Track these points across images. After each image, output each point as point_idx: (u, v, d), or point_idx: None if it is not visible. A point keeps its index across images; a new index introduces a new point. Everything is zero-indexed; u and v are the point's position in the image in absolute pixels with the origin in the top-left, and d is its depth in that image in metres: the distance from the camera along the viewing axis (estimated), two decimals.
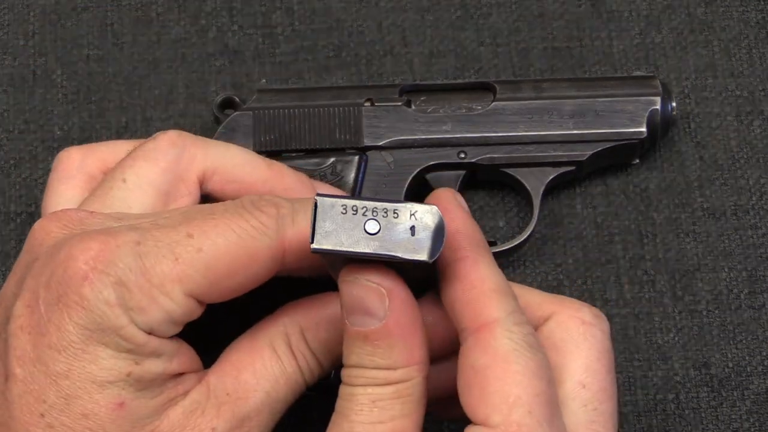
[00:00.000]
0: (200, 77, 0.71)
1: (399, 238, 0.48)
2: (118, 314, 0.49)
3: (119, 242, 0.50)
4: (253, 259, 0.51)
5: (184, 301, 0.51)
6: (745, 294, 0.67)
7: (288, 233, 0.52)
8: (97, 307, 0.49)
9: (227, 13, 0.72)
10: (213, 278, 0.51)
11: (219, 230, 0.51)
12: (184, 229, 0.51)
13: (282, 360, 0.53)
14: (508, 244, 0.66)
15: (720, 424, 0.65)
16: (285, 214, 0.52)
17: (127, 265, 0.50)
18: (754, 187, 0.69)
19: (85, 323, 0.49)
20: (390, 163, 0.66)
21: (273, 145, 0.66)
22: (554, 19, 0.72)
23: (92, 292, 0.49)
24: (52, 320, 0.50)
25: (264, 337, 0.54)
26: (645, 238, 0.68)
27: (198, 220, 0.51)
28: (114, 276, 0.49)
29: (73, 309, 0.49)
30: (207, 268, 0.51)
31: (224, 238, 0.51)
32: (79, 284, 0.49)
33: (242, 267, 0.51)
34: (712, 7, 0.72)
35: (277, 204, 0.52)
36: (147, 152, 0.58)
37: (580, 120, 0.67)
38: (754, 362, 0.66)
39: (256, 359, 0.53)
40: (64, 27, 0.72)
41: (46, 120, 0.70)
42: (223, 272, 0.51)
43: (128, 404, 0.50)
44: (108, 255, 0.50)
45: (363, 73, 0.71)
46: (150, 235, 0.51)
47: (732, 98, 0.70)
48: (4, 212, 0.69)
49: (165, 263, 0.50)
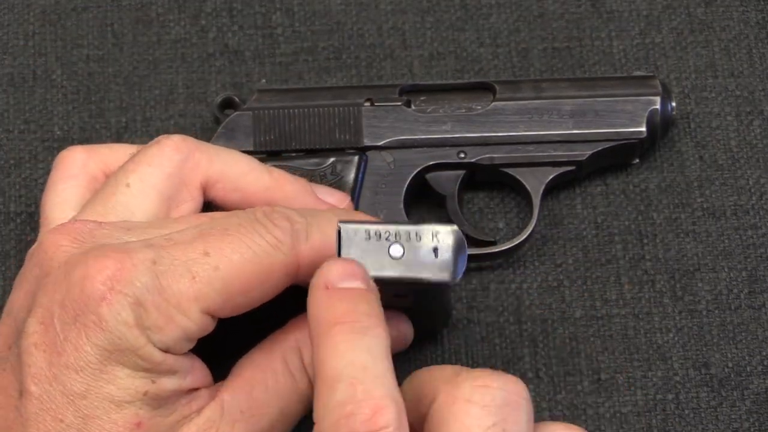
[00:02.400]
0: (200, 77, 0.71)
1: (423, 260, 0.49)
2: (136, 335, 0.49)
3: (135, 261, 0.50)
4: (268, 275, 0.51)
5: (200, 319, 0.51)
6: (745, 294, 0.67)
7: (302, 248, 0.52)
8: (116, 328, 0.49)
9: (227, 14, 0.72)
10: (229, 295, 0.51)
11: (234, 247, 0.51)
12: (200, 246, 0.51)
13: (295, 376, 0.53)
14: (508, 244, 0.66)
15: (720, 424, 0.65)
16: (299, 229, 0.52)
17: (144, 284, 0.49)
18: (754, 187, 0.69)
19: (103, 344, 0.49)
20: (390, 163, 0.66)
21: (273, 145, 0.66)
22: (554, 19, 0.72)
23: (110, 313, 0.49)
24: (69, 339, 0.49)
25: (277, 351, 0.54)
26: (645, 238, 0.68)
27: (214, 236, 0.51)
28: (132, 296, 0.49)
29: (91, 329, 0.49)
30: (224, 286, 0.51)
31: (240, 255, 0.51)
32: (96, 305, 0.49)
33: (257, 283, 0.51)
34: (712, 7, 0.72)
35: (290, 218, 0.52)
36: (151, 157, 0.58)
37: (579, 120, 0.67)
38: (754, 362, 0.66)
39: (268, 375, 0.53)
40: (64, 27, 0.72)
41: (46, 120, 0.70)
42: (239, 289, 0.51)
43: (145, 423, 0.50)
44: (125, 274, 0.49)
45: (363, 75, 0.71)
46: (166, 252, 0.50)
47: (732, 98, 0.70)
48: (4, 212, 0.69)
49: (182, 282, 0.50)
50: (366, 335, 0.47)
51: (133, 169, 0.57)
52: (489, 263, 0.67)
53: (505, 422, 0.47)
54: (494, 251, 0.66)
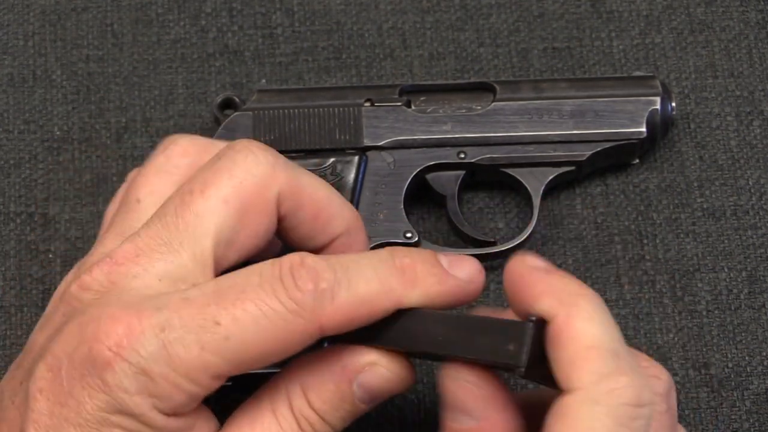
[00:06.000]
0: (200, 77, 0.71)
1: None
2: (137, 403, 0.49)
3: (144, 326, 0.49)
4: (285, 343, 0.50)
5: (209, 384, 0.50)
6: (745, 294, 0.67)
7: (327, 311, 0.49)
8: (118, 395, 0.49)
9: (227, 14, 0.72)
10: (240, 363, 0.50)
11: (248, 314, 0.49)
12: (212, 312, 0.49)
13: (282, 425, 0.52)
14: (508, 244, 0.66)
15: (720, 424, 0.65)
16: (324, 289, 0.49)
17: (151, 354, 0.49)
18: (754, 187, 0.69)
19: (104, 406, 0.49)
20: (390, 163, 0.66)
21: (273, 146, 0.65)
22: (554, 20, 0.72)
23: (113, 380, 0.49)
24: (73, 395, 0.49)
25: (266, 400, 0.52)
26: (645, 239, 0.68)
27: (228, 300, 0.49)
28: (136, 366, 0.49)
29: (95, 390, 0.49)
30: (234, 355, 0.49)
31: (254, 325, 0.49)
32: (102, 369, 0.49)
33: (272, 350, 0.50)
34: (712, 7, 0.72)
35: (317, 278, 0.50)
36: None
37: (579, 120, 0.67)
38: (754, 362, 0.66)
39: (256, 426, 0.52)
40: (64, 27, 0.72)
41: (46, 120, 0.70)
42: (252, 357, 0.50)
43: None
44: (132, 342, 0.49)
45: (363, 75, 0.71)
46: (177, 317, 0.49)
47: (732, 98, 0.70)
48: (4, 212, 0.69)
49: (191, 352, 0.49)
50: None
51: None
52: (489, 263, 0.67)
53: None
54: (494, 251, 0.66)
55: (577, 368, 0.47)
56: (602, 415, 0.46)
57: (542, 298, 0.49)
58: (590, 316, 0.48)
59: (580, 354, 0.47)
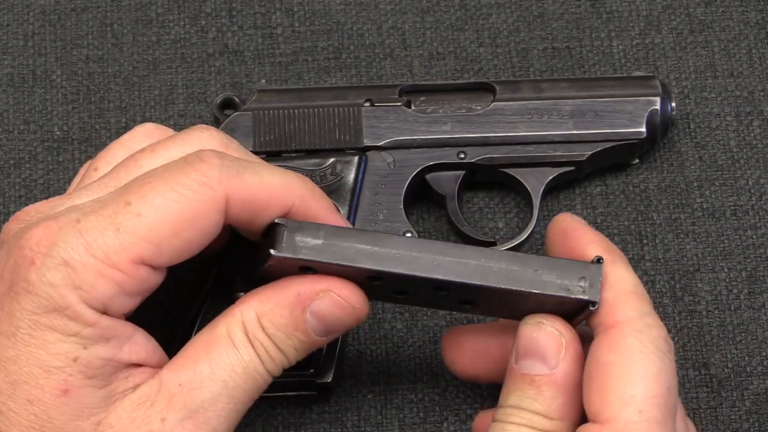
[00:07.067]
0: (200, 77, 0.71)
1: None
2: (63, 294, 0.50)
3: (61, 224, 0.50)
4: (197, 214, 0.51)
5: (133, 270, 0.51)
6: (745, 294, 0.67)
7: (233, 182, 0.52)
8: (42, 290, 0.50)
9: (227, 14, 0.72)
10: (158, 240, 0.51)
11: (157, 191, 0.51)
12: (123, 198, 0.51)
13: (238, 348, 0.53)
14: (508, 244, 0.66)
15: (719, 424, 0.65)
16: (230, 165, 0.52)
17: (70, 244, 0.50)
18: (753, 188, 0.69)
19: (32, 308, 0.50)
20: (390, 163, 0.66)
21: (273, 146, 0.66)
22: (554, 20, 0.72)
23: (37, 276, 0.50)
24: (4, 308, 0.50)
25: (221, 327, 0.54)
26: (645, 239, 0.68)
27: (135, 186, 0.51)
28: (57, 257, 0.50)
29: (22, 295, 0.50)
30: (150, 232, 0.51)
31: (163, 198, 0.51)
32: (26, 270, 0.50)
33: (186, 223, 0.51)
34: (712, 7, 0.72)
35: (223, 156, 0.52)
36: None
37: (579, 120, 0.67)
38: (754, 362, 0.66)
39: (212, 349, 0.53)
40: (64, 27, 0.72)
41: (45, 120, 0.70)
42: (168, 232, 0.51)
43: (73, 391, 0.50)
44: (50, 238, 0.50)
45: (363, 75, 0.71)
46: (91, 210, 0.51)
47: (732, 98, 0.70)
48: (4, 212, 0.69)
49: (107, 235, 0.50)
50: None
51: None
52: None
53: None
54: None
55: (622, 305, 0.52)
56: (648, 342, 0.51)
57: (591, 246, 0.54)
58: (628, 266, 0.54)
59: (623, 295, 0.53)
